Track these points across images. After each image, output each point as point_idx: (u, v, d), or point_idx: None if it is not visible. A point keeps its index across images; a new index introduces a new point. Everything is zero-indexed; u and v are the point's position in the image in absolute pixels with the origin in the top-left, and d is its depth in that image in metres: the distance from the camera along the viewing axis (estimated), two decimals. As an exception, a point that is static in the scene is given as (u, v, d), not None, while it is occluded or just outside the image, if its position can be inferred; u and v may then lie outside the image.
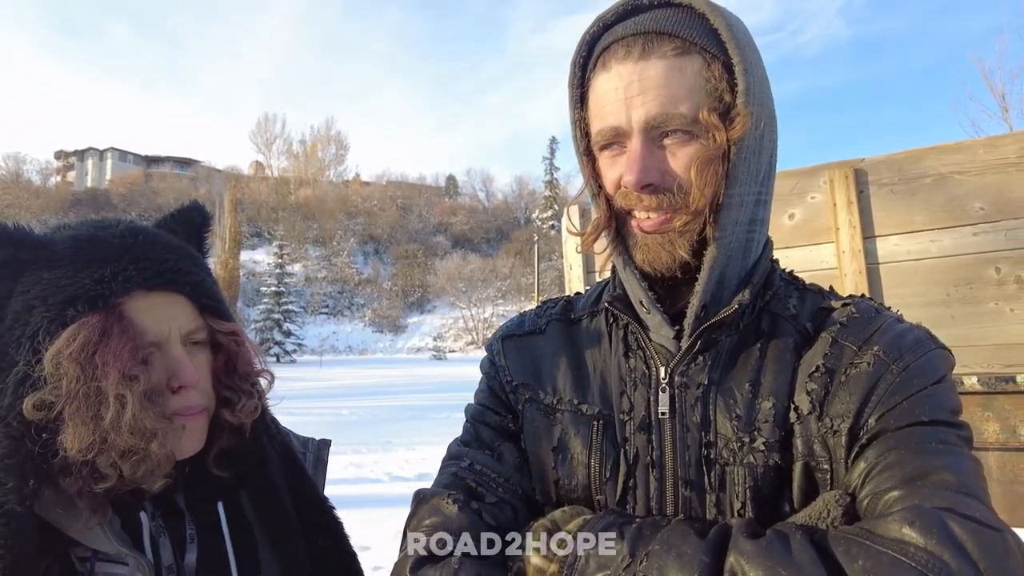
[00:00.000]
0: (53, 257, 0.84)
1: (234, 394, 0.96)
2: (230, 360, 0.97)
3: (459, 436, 1.00)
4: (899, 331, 0.81)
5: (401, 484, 6.84)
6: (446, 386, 19.95)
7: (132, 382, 0.80)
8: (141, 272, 0.86)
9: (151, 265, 0.87)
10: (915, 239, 2.85)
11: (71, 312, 0.80)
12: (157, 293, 0.87)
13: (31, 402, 0.77)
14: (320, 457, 1.15)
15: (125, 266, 0.85)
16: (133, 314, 0.84)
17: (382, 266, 58.89)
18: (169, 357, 0.87)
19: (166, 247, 0.92)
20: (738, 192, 0.81)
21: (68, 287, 0.81)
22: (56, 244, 0.85)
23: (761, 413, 0.80)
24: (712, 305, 0.84)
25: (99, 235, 0.87)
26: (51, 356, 0.78)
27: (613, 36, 0.83)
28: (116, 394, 0.78)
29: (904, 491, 0.66)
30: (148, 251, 0.89)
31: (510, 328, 1.06)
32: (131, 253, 0.86)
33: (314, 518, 1.04)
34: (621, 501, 0.85)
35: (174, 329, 0.88)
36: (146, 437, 0.79)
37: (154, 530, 0.89)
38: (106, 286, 0.82)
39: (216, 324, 0.94)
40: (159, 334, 0.86)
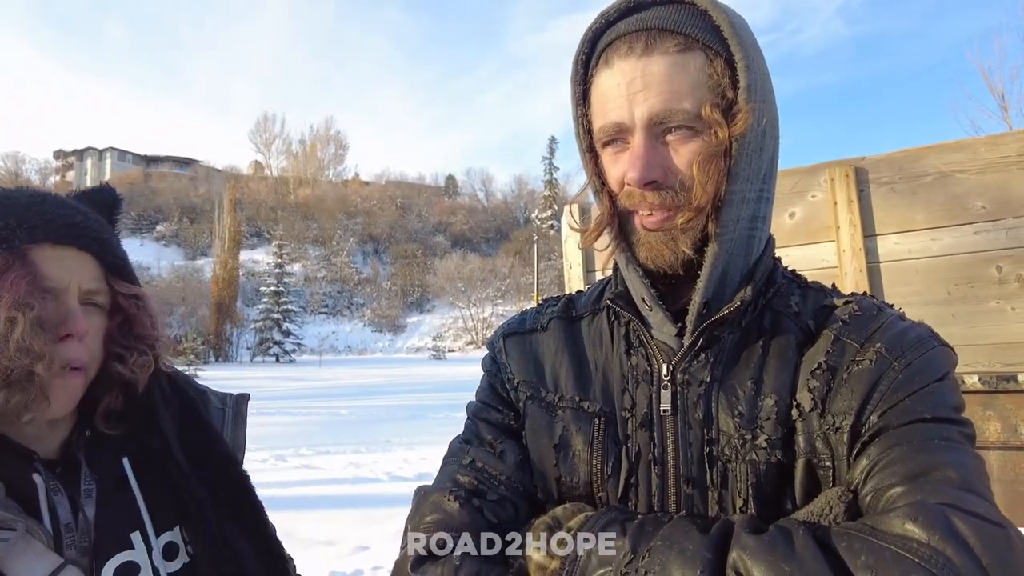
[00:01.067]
0: None
1: (126, 352, 0.99)
2: (127, 322, 1.00)
3: (460, 434, 1.00)
4: (901, 328, 0.81)
5: (400, 484, 6.84)
6: (445, 386, 19.96)
7: (26, 308, 0.84)
8: (48, 224, 0.89)
9: (58, 220, 0.91)
10: (916, 238, 2.85)
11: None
12: (63, 247, 0.90)
13: None
14: (239, 411, 1.19)
15: (32, 218, 0.88)
16: (37, 260, 0.87)
17: (381, 266, 58.90)
18: (63, 306, 0.89)
19: (75, 209, 0.95)
20: (740, 189, 0.81)
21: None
22: None
23: (763, 410, 0.80)
24: (714, 302, 0.84)
25: (9, 193, 0.92)
26: None
27: (615, 33, 0.83)
28: (8, 316, 0.82)
29: (907, 487, 0.66)
30: (56, 208, 0.92)
31: (512, 326, 1.06)
32: (39, 207, 0.90)
33: (217, 472, 1.06)
34: (623, 498, 0.85)
35: (74, 282, 0.91)
36: (32, 357, 0.83)
37: (51, 489, 0.91)
38: (11, 232, 0.86)
39: (119, 286, 0.98)
40: (59, 282, 0.89)
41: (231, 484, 1.07)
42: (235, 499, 1.06)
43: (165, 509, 0.99)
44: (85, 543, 0.91)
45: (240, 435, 1.17)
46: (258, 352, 44.35)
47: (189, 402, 1.11)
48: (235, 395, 1.21)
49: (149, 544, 0.96)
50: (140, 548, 0.95)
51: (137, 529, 0.96)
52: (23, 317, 0.82)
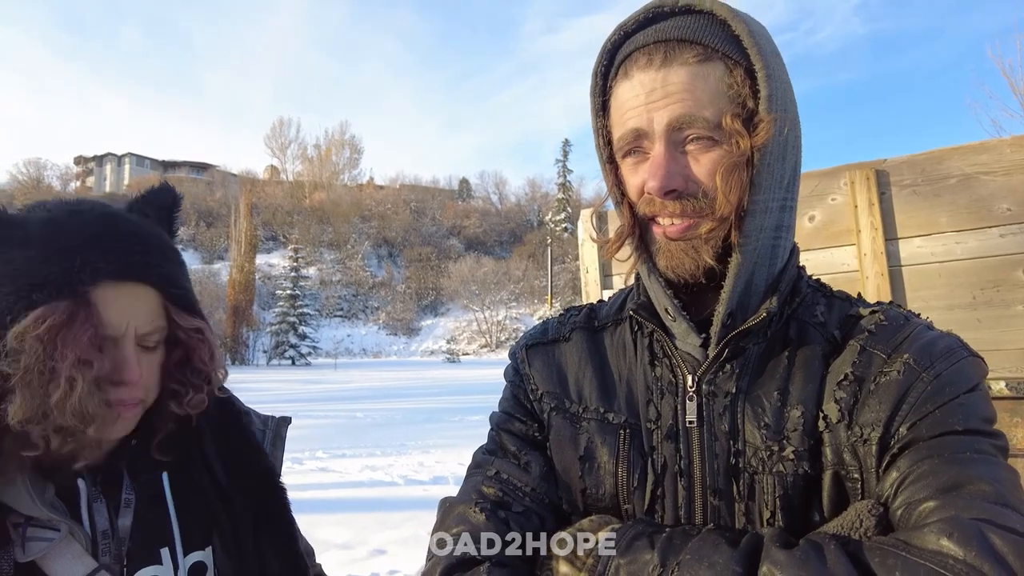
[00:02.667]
0: (26, 238, 0.86)
1: (183, 387, 0.98)
2: (187, 355, 0.99)
3: (484, 444, 1.00)
4: (929, 338, 0.80)
5: (416, 487, 6.85)
6: (460, 389, 19.99)
7: (85, 367, 0.83)
8: (109, 264, 0.87)
9: (119, 257, 0.89)
10: (939, 241, 2.81)
11: (37, 296, 0.82)
12: (123, 284, 0.89)
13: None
14: (278, 434, 1.19)
15: (94, 257, 0.86)
16: (99, 303, 0.86)
17: (395, 269, 59.14)
18: (119, 352, 0.89)
19: (135, 236, 0.93)
20: (763, 198, 0.80)
21: (38, 272, 0.83)
22: (29, 225, 0.87)
23: (790, 421, 0.80)
24: (739, 313, 0.83)
25: (71, 221, 0.89)
26: (16, 333, 0.81)
27: (634, 44, 0.83)
28: (68, 376, 0.81)
29: (940, 501, 0.65)
30: (117, 240, 0.90)
31: (534, 336, 1.06)
32: (101, 243, 0.88)
33: (256, 484, 1.08)
34: (649, 510, 0.84)
35: (131, 327, 0.90)
36: (85, 420, 0.83)
37: (91, 496, 0.92)
38: (74, 276, 0.84)
39: (180, 318, 0.96)
40: (117, 329, 0.88)
41: (269, 498, 1.08)
42: (272, 514, 1.07)
43: (197, 529, 1.00)
44: (118, 552, 0.92)
45: (278, 458, 1.17)
46: (274, 355, 44.67)
47: (233, 415, 1.12)
48: (276, 418, 1.21)
49: (176, 562, 0.97)
50: (167, 565, 0.96)
51: (167, 545, 0.97)
52: (82, 379, 0.82)
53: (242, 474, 1.06)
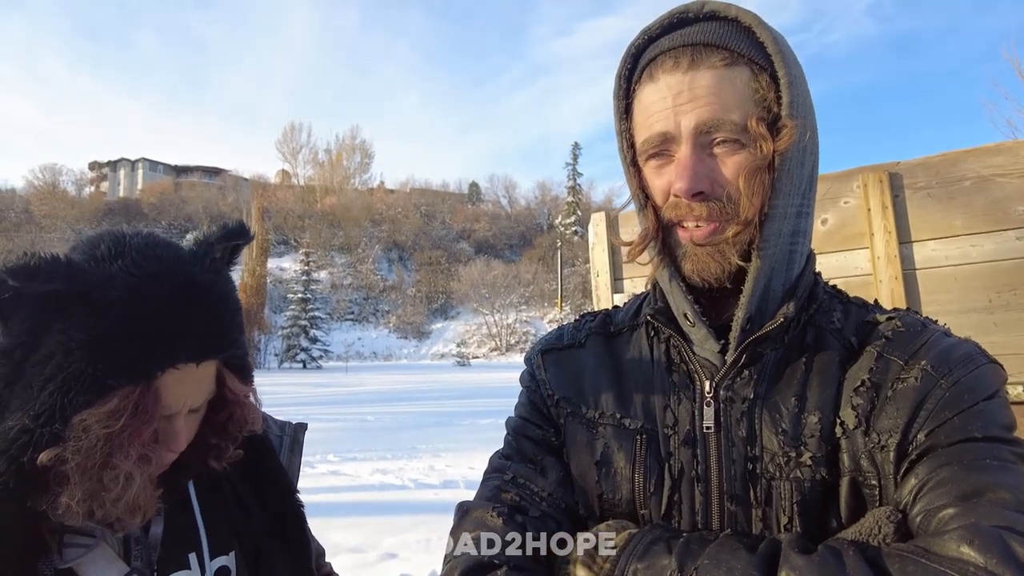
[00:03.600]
0: (103, 305, 0.79)
1: (223, 442, 0.99)
2: (231, 416, 0.99)
3: (500, 449, 1.01)
4: (947, 345, 0.80)
5: (426, 491, 6.85)
6: (470, 392, 19.99)
7: (144, 464, 0.82)
8: (187, 349, 0.85)
9: (198, 339, 0.86)
10: (954, 244, 2.78)
11: (112, 381, 0.78)
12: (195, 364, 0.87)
13: (48, 455, 0.77)
14: (296, 440, 1.19)
15: (174, 343, 0.83)
16: (164, 389, 0.84)
17: (406, 273, 59.29)
18: (171, 426, 0.89)
19: (214, 311, 0.89)
20: (782, 204, 0.80)
21: (115, 352, 0.79)
22: (108, 289, 0.80)
23: (807, 427, 0.80)
24: (757, 318, 0.83)
25: (151, 291, 0.82)
26: (83, 421, 0.78)
27: (659, 48, 0.84)
28: (127, 472, 0.80)
29: (960, 509, 0.65)
30: (198, 319, 0.86)
31: (549, 341, 1.06)
32: (181, 324, 0.84)
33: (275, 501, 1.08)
34: (666, 516, 0.84)
35: (187, 404, 0.89)
36: (136, 513, 0.83)
37: None
38: (153, 363, 0.81)
39: (232, 384, 0.96)
40: (174, 408, 0.87)
41: (287, 515, 1.09)
42: (288, 531, 1.08)
43: (222, 534, 1.01)
44: (149, 557, 0.94)
45: (295, 464, 1.17)
46: (285, 358, 44.86)
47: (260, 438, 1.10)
48: (293, 424, 1.21)
49: (203, 566, 0.98)
50: (195, 569, 0.97)
51: (194, 551, 0.98)
52: (139, 476, 0.81)
53: (261, 488, 1.07)
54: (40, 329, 0.79)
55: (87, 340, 0.78)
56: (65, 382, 0.77)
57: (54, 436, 0.77)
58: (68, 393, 0.77)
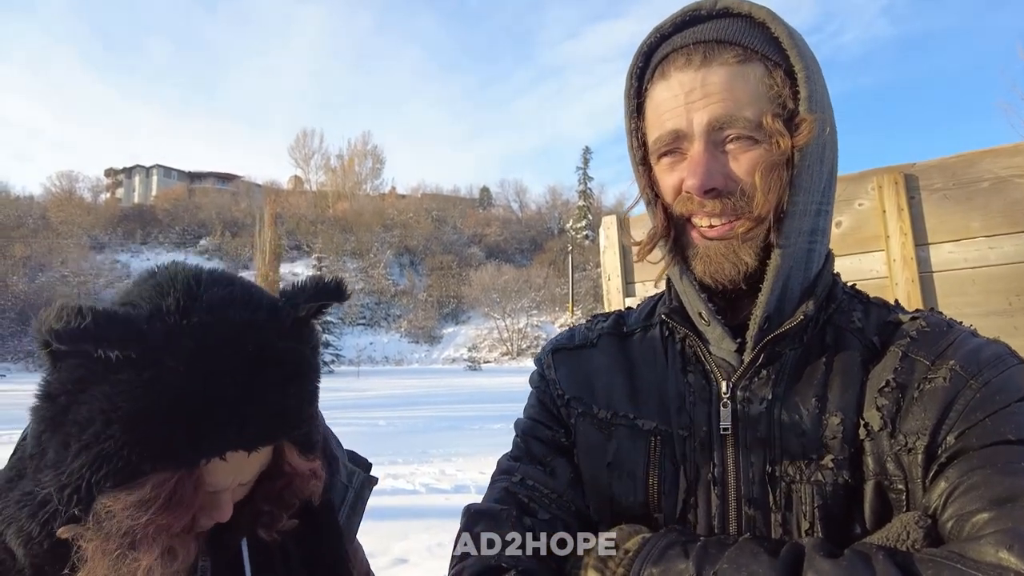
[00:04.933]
0: (157, 375, 0.69)
1: (276, 509, 0.88)
2: (288, 486, 0.87)
3: (509, 451, 0.99)
4: (975, 345, 0.77)
5: (438, 496, 6.84)
6: (482, 397, 19.99)
7: (169, 559, 0.73)
8: (244, 436, 0.73)
9: (258, 422, 0.74)
10: (972, 246, 2.74)
11: (148, 467, 0.69)
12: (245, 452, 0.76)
13: (68, 532, 0.70)
14: (360, 496, 1.08)
15: (229, 427, 0.72)
16: (209, 474, 0.74)
17: (417, 277, 59.43)
18: (216, 500, 0.79)
19: (285, 386, 0.78)
20: (802, 200, 0.79)
21: (161, 435, 0.69)
22: (165, 356, 0.70)
23: (828, 429, 0.77)
24: (775, 317, 0.81)
25: (216, 368, 0.72)
26: (107, 506, 0.69)
27: (671, 46, 0.83)
28: (147, 567, 0.70)
29: (995, 513, 0.62)
30: (263, 396, 0.75)
31: (560, 341, 1.04)
32: (244, 405, 0.73)
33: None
34: (681, 519, 0.82)
35: (236, 481, 0.79)
36: None
37: None
38: (199, 451, 0.71)
39: (292, 460, 0.85)
40: (219, 487, 0.78)
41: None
42: None
43: None
44: None
45: (353, 524, 1.05)
46: (297, 363, 44.98)
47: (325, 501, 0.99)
48: (362, 476, 1.08)
49: None
50: None
51: None
52: (161, 570, 0.71)
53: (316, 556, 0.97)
54: (87, 383, 0.69)
55: (130, 413, 0.68)
56: (98, 457, 0.68)
57: (76, 514, 0.70)
58: (99, 471, 0.68)
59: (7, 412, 14.08)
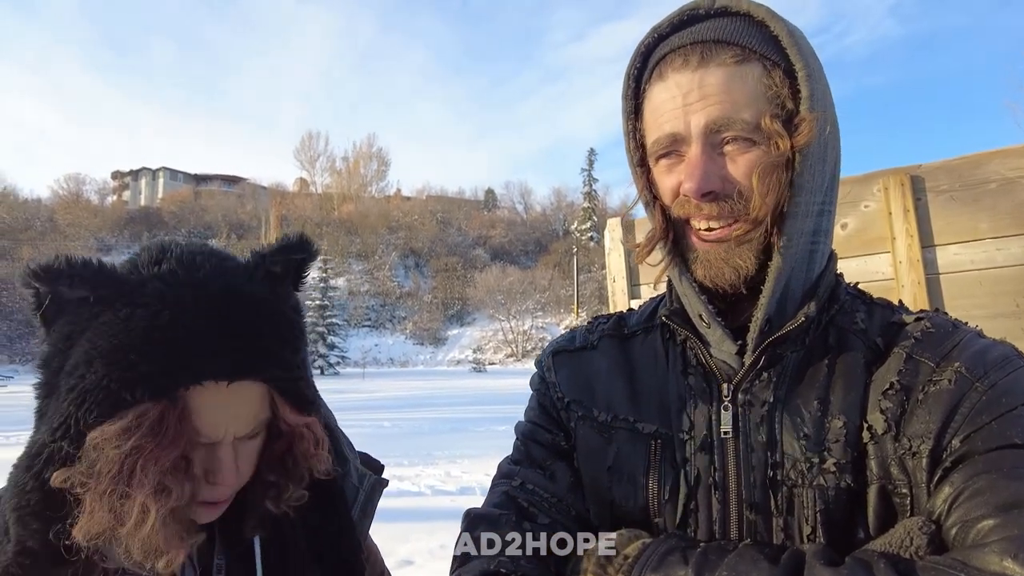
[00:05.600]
0: (131, 313, 0.74)
1: (281, 479, 0.89)
2: (289, 447, 0.88)
3: (510, 454, 0.98)
4: (981, 347, 0.76)
5: (443, 497, 6.84)
6: (486, 398, 19.99)
7: (163, 496, 0.73)
8: (219, 363, 0.76)
9: (233, 353, 0.77)
10: (979, 247, 2.72)
11: (128, 396, 0.72)
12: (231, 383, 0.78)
13: (60, 476, 0.72)
14: (371, 499, 1.08)
15: (203, 353, 0.75)
16: (195, 409, 0.76)
17: (422, 279, 59.50)
18: (214, 455, 0.80)
19: (255, 324, 0.80)
20: (804, 201, 0.78)
21: (136, 363, 0.72)
22: (139, 292, 0.75)
23: (831, 432, 0.76)
24: (776, 319, 0.80)
25: (185, 298, 0.76)
26: (94, 439, 0.71)
27: (669, 46, 0.82)
28: (142, 504, 0.72)
29: (1000, 520, 0.61)
30: (234, 331, 0.78)
31: (561, 343, 1.04)
32: (215, 335, 0.76)
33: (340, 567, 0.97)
34: (681, 524, 0.81)
35: (230, 433, 0.80)
36: (155, 555, 0.74)
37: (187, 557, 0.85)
38: (176, 376, 0.73)
39: (287, 414, 0.85)
40: (213, 437, 0.79)
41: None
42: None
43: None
44: None
45: (365, 525, 1.05)
46: (303, 365, 45.08)
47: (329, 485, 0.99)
48: (372, 479, 1.09)
49: None
50: None
51: None
52: (155, 511, 0.72)
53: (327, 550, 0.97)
54: (74, 337, 0.74)
55: (108, 349, 0.72)
56: (81, 394, 0.72)
57: (69, 455, 0.72)
58: (83, 406, 0.72)
59: (15, 414, 14.15)
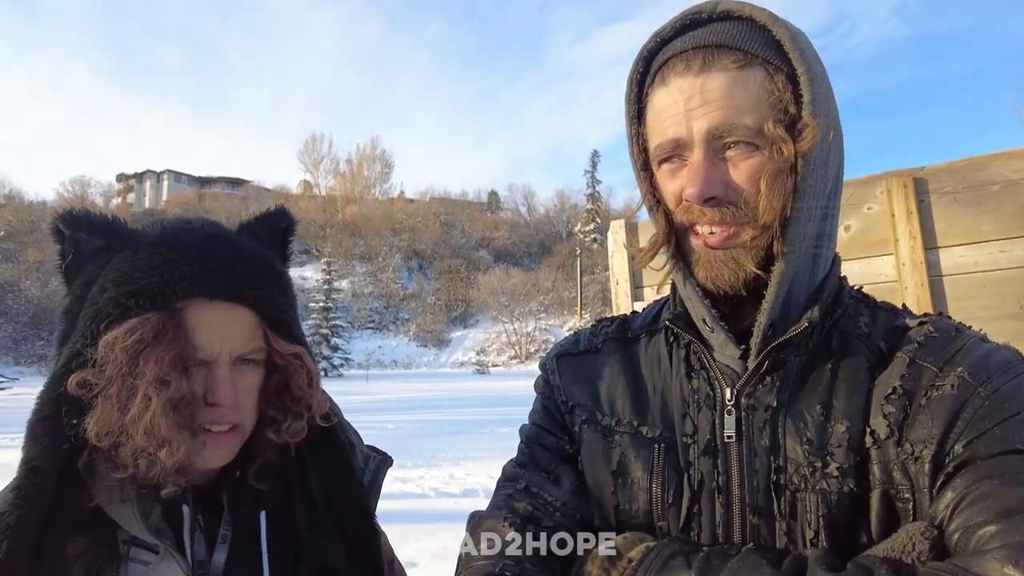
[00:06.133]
0: (137, 248, 0.87)
1: (280, 414, 0.96)
2: (285, 381, 0.96)
3: (514, 457, 0.99)
4: (984, 351, 0.76)
5: (447, 499, 6.84)
6: (490, 400, 19.97)
7: (162, 387, 0.82)
8: (207, 279, 0.86)
9: (218, 274, 0.88)
10: (983, 249, 2.71)
11: (132, 304, 0.83)
12: (219, 303, 0.87)
13: (76, 379, 0.82)
14: (375, 479, 1.11)
15: (193, 270, 0.86)
16: (191, 323, 0.85)
17: (426, 281, 59.55)
18: (212, 374, 0.88)
19: (239, 256, 0.92)
20: (806, 206, 0.78)
21: (139, 279, 0.84)
22: (142, 238, 0.90)
23: (834, 437, 0.77)
24: (780, 323, 0.81)
25: (180, 234, 0.90)
26: (106, 342, 0.82)
27: (672, 51, 0.82)
28: (144, 394, 0.80)
29: (1002, 526, 0.61)
30: (219, 257, 0.89)
31: (565, 346, 1.04)
32: (202, 257, 0.87)
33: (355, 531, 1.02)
34: (685, 528, 0.82)
35: (225, 351, 0.88)
36: (158, 442, 0.81)
37: (192, 525, 0.91)
38: (170, 286, 0.84)
39: (277, 343, 0.94)
40: (210, 352, 0.87)
41: (365, 548, 1.02)
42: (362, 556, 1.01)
43: (285, 571, 0.95)
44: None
45: (372, 504, 1.09)
46: (307, 367, 45.09)
47: (338, 448, 1.05)
48: (377, 459, 1.14)
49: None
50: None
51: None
52: (156, 398, 0.80)
53: (341, 512, 1.01)
54: (91, 283, 0.87)
55: (116, 277, 0.85)
56: (96, 312, 0.84)
57: (85, 362, 0.82)
58: (96, 317, 0.84)
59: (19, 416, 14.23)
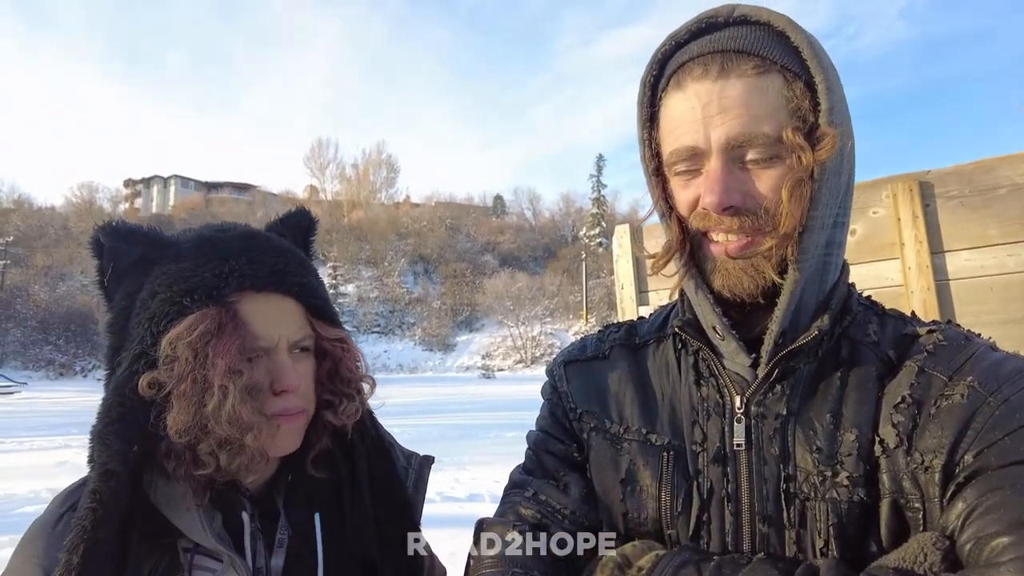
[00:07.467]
0: (178, 253, 0.92)
1: (336, 397, 1.00)
2: (334, 366, 1.01)
3: (521, 463, 0.99)
4: (994, 360, 0.76)
5: (452, 504, 6.83)
6: (495, 405, 19.93)
7: (236, 376, 0.85)
8: (254, 271, 0.91)
9: (263, 266, 0.93)
10: (990, 253, 2.70)
11: (188, 301, 0.87)
12: (267, 295, 0.92)
13: (146, 380, 0.84)
14: (421, 476, 1.15)
15: (240, 264, 0.91)
16: (246, 315, 0.89)
17: (431, 285, 59.54)
18: (274, 362, 0.91)
19: (277, 250, 0.97)
20: (820, 214, 0.77)
21: (189, 278, 0.88)
22: (181, 244, 0.94)
23: (844, 445, 0.76)
24: (790, 331, 0.81)
25: (219, 236, 0.95)
26: (169, 339, 0.85)
27: (688, 54, 0.80)
28: (220, 384, 0.83)
29: (1014, 538, 0.61)
30: (262, 252, 0.94)
31: (572, 353, 1.04)
32: (246, 253, 0.93)
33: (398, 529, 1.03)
34: (694, 536, 0.82)
35: (283, 337, 0.92)
36: (242, 429, 0.84)
37: (252, 531, 0.92)
38: (223, 280, 0.89)
39: (323, 330, 0.99)
40: (269, 340, 0.91)
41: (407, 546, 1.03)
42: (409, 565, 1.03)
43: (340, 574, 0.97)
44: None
45: (419, 501, 1.13)
46: (313, 371, 45.15)
47: (383, 448, 1.10)
48: (420, 456, 1.19)
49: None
50: None
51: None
52: (233, 387, 0.84)
53: (387, 511, 1.04)
54: (134, 293, 0.91)
55: (166, 280, 0.89)
56: (152, 315, 0.87)
57: (151, 363, 0.85)
58: (153, 319, 0.87)
59: (27, 420, 14.24)
